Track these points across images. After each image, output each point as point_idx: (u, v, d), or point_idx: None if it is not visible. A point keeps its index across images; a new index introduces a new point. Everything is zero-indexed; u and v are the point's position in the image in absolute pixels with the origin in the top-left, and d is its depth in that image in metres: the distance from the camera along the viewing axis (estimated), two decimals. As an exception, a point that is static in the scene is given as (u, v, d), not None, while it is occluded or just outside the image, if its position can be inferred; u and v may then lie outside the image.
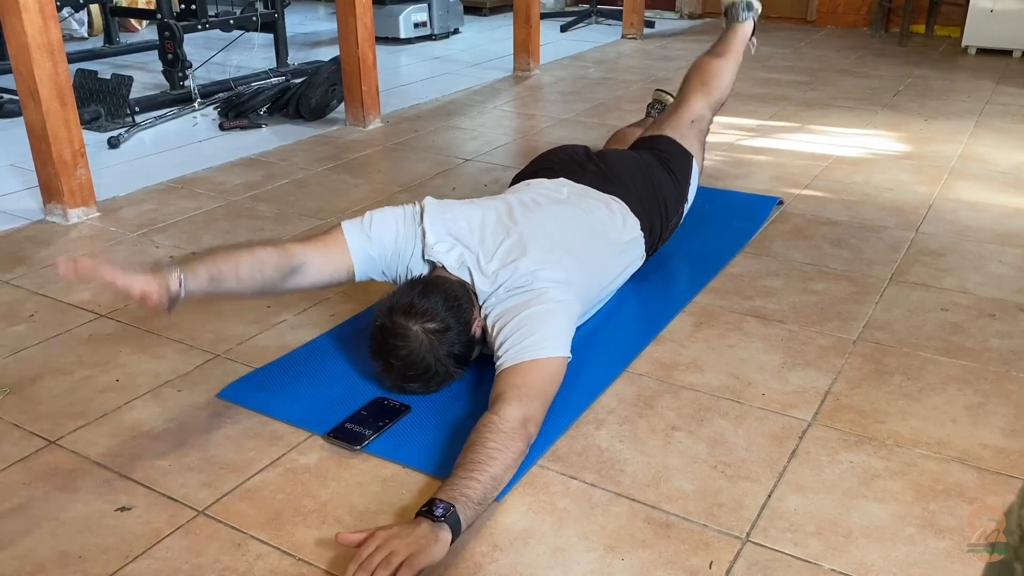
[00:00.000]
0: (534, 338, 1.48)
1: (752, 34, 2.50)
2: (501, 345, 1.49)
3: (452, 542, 1.19)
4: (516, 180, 2.04)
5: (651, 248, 1.96)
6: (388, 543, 1.15)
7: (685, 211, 2.14)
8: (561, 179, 1.93)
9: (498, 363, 1.48)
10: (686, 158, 2.13)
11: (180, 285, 1.39)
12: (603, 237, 1.80)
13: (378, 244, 1.64)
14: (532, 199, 1.82)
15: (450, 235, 1.66)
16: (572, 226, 1.76)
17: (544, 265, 1.60)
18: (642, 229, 1.90)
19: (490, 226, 1.69)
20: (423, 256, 1.65)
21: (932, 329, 1.83)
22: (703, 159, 2.23)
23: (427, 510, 1.19)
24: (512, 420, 1.35)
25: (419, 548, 1.15)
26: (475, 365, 1.64)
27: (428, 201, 1.72)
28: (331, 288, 1.79)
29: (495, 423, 1.34)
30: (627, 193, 1.92)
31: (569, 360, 1.52)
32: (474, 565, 1.21)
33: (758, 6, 2.52)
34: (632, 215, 1.89)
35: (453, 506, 1.20)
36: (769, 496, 1.34)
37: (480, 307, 1.60)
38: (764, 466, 1.40)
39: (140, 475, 1.39)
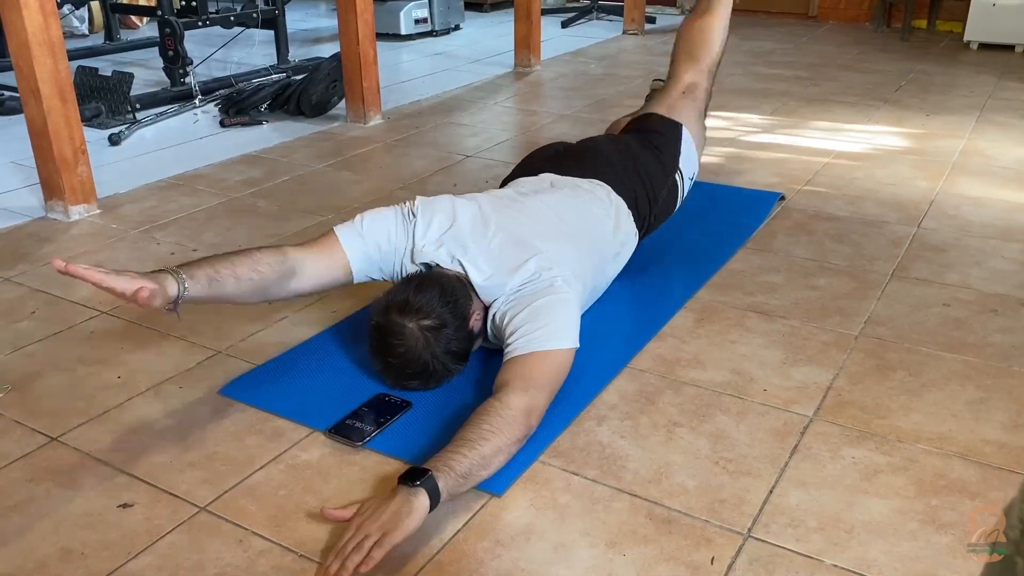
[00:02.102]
0: (545, 329, 1.48)
1: None
2: (511, 335, 1.50)
3: (432, 509, 1.21)
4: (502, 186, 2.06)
5: (643, 224, 1.95)
6: (362, 527, 1.18)
7: (683, 183, 2.09)
8: (543, 174, 1.94)
9: (507, 351, 1.49)
10: (672, 128, 2.11)
11: (180, 286, 1.36)
12: (593, 217, 1.81)
13: (372, 243, 1.64)
14: (518, 192, 1.84)
15: (438, 235, 1.65)
16: (562, 211, 1.77)
17: (545, 255, 1.61)
18: (629, 207, 1.90)
19: (479, 221, 1.69)
20: (413, 260, 1.65)
21: (934, 325, 1.82)
22: (703, 126, 2.18)
23: (405, 474, 1.22)
24: (514, 408, 1.36)
25: (392, 526, 1.17)
26: (477, 360, 1.64)
27: (418, 201, 1.71)
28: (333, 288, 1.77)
29: (496, 408, 1.35)
30: (604, 173, 1.92)
31: (577, 349, 1.53)
32: (476, 561, 1.21)
33: None
34: (615, 193, 1.90)
35: (431, 472, 1.22)
36: (771, 492, 1.34)
37: (479, 300, 1.59)
38: (766, 462, 1.40)
39: (142, 472, 1.39)
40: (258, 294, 1.53)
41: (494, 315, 1.58)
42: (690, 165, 2.13)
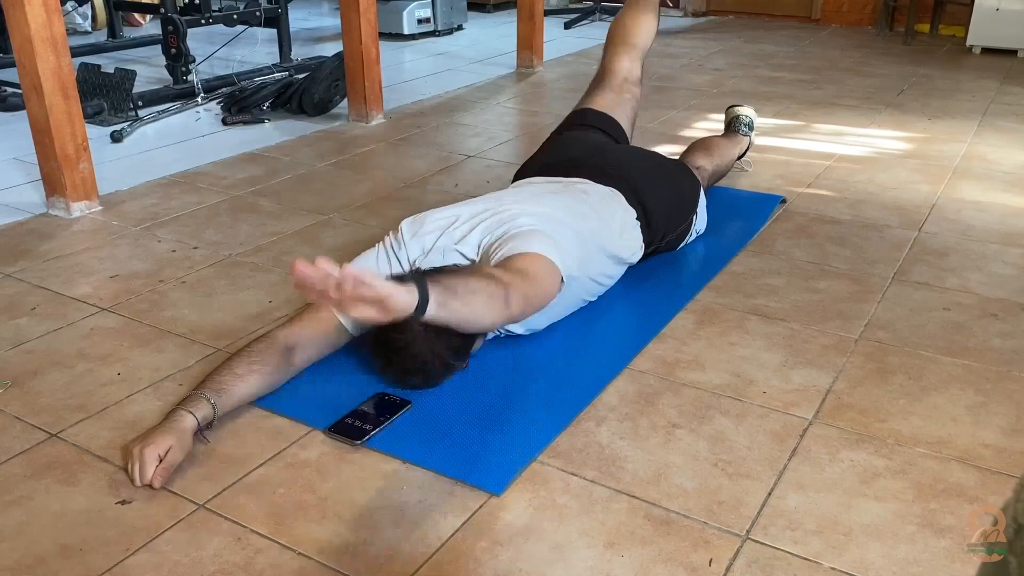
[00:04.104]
0: (520, 241, 1.52)
1: (744, 155, 2.67)
2: (492, 259, 1.54)
3: (417, 311, 1.20)
4: (515, 180, 2.07)
5: (650, 241, 1.96)
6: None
7: (693, 228, 2.16)
8: (558, 178, 1.96)
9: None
10: (696, 185, 2.18)
11: (197, 421, 1.41)
12: (598, 218, 1.82)
13: None
14: (525, 192, 1.85)
15: (431, 246, 1.67)
16: (566, 206, 1.79)
17: (527, 214, 1.65)
18: (638, 218, 1.91)
19: (473, 214, 1.71)
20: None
21: (934, 329, 1.82)
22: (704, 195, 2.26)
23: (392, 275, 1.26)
24: (499, 275, 1.41)
25: (372, 278, 1.10)
26: (477, 360, 1.64)
27: (403, 225, 1.72)
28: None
29: (482, 267, 1.42)
30: (622, 184, 1.95)
31: (563, 278, 1.55)
32: (474, 561, 1.21)
33: (753, 135, 2.71)
34: (628, 205, 1.92)
35: (424, 277, 1.25)
36: (769, 494, 1.34)
37: None
38: (765, 464, 1.40)
39: (141, 468, 1.39)
40: (270, 381, 1.54)
41: (478, 261, 1.61)
42: (702, 220, 2.19)
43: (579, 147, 2.14)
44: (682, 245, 2.16)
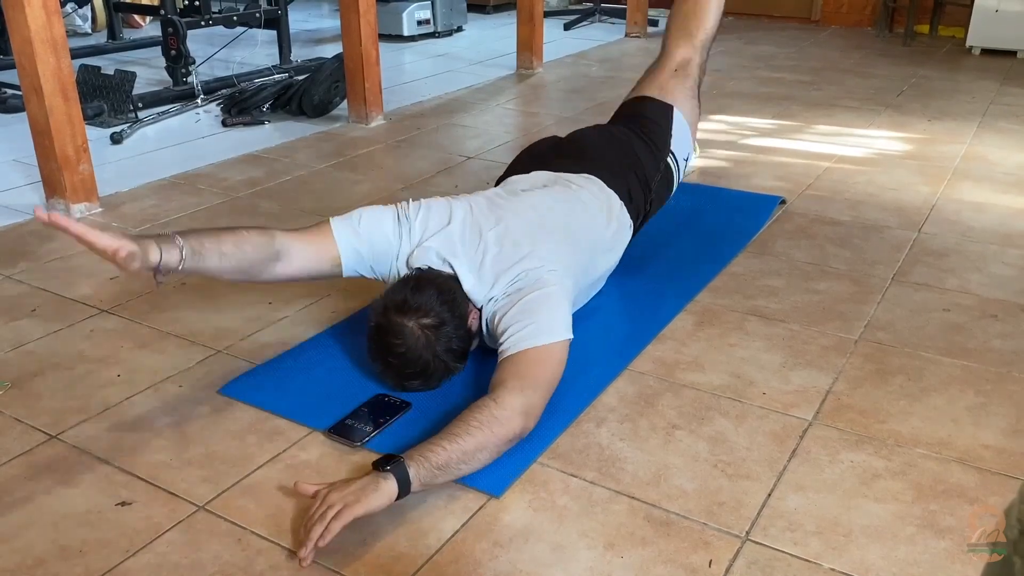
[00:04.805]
0: (536, 325, 1.49)
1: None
2: (504, 333, 1.50)
3: (402, 496, 1.24)
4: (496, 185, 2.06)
5: (638, 214, 1.95)
6: (327, 499, 1.22)
7: (676, 165, 2.09)
8: (534, 172, 1.94)
9: (501, 350, 1.49)
10: (663, 113, 2.10)
11: (161, 255, 1.36)
12: (586, 212, 1.81)
13: (366, 241, 1.63)
14: (510, 192, 1.84)
15: (431, 236, 1.65)
16: (554, 209, 1.77)
17: (535, 254, 1.61)
18: (622, 198, 1.90)
19: (470, 225, 1.69)
20: (408, 264, 1.64)
21: (934, 329, 1.82)
22: (697, 102, 2.17)
23: (378, 460, 1.26)
24: (509, 408, 1.36)
25: (355, 499, 1.21)
26: (475, 361, 1.64)
27: (412, 207, 1.70)
28: (321, 281, 1.77)
29: (489, 406, 1.36)
30: (596, 167, 1.92)
31: (571, 340, 1.53)
32: (474, 562, 1.21)
33: None
34: (607, 187, 1.89)
35: (403, 460, 1.25)
36: (769, 495, 1.34)
37: (472, 303, 1.59)
38: (764, 465, 1.40)
39: (141, 470, 1.40)
40: (241, 273, 1.52)
41: (487, 318, 1.58)
42: (683, 147, 2.12)
43: (550, 142, 2.12)
44: (679, 177, 2.10)
